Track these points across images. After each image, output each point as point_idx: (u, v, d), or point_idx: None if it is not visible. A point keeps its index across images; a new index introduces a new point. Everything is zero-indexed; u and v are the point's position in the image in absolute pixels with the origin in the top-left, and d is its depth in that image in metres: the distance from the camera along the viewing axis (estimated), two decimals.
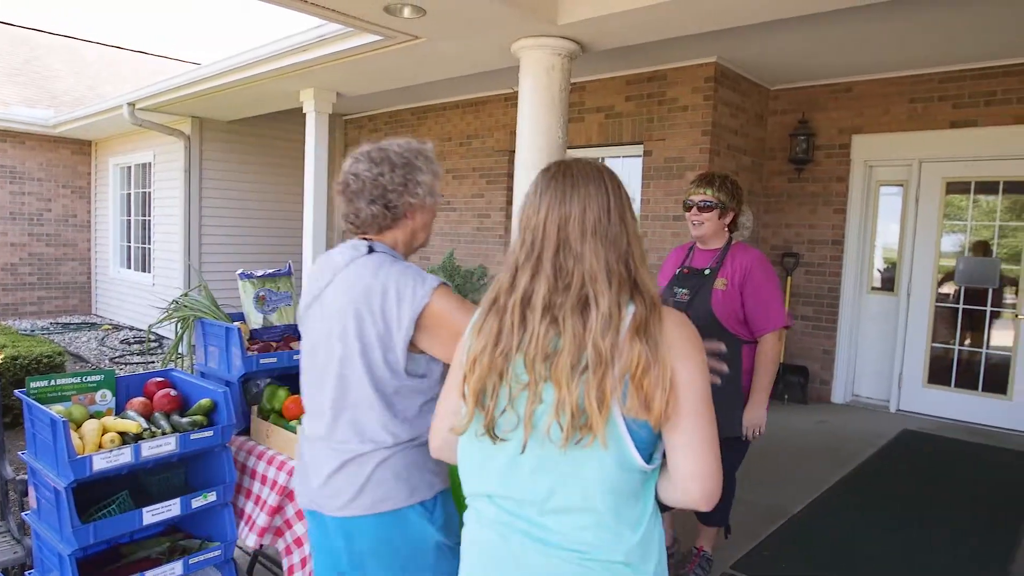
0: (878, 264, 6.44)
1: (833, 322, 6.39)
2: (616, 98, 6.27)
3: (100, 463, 2.08)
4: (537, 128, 4.30)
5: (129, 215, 10.18)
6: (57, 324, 9.91)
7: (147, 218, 9.51)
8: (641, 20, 3.91)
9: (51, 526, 2.19)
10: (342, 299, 1.67)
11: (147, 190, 9.47)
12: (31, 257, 10.38)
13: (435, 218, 1.85)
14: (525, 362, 1.24)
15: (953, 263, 5.96)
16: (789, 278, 6.49)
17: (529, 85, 4.33)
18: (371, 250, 1.71)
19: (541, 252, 1.27)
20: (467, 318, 1.53)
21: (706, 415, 1.22)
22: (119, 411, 2.50)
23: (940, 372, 6.04)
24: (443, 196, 1.74)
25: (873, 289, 6.41)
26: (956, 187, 5.91)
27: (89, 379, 2.47)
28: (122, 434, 2.22)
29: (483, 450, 1.32)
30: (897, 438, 5.36)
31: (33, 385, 2.34)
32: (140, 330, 9.56)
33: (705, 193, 2.86)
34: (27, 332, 8.79)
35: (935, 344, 6.06)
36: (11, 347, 5.25)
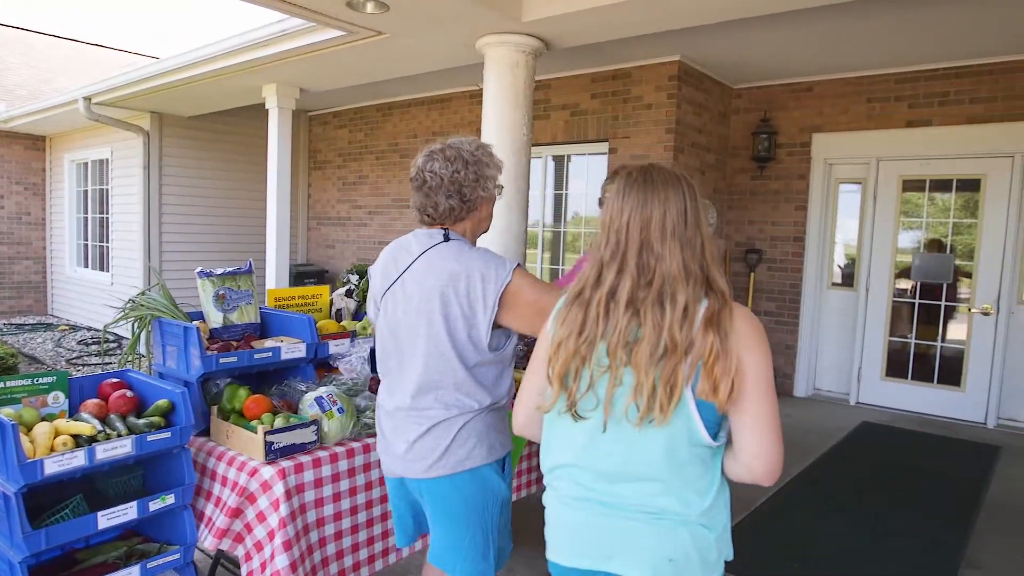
0: (838, 260, 6.57)
1: (795, 317, 6.51)
2: (581, 96, 6.29)
3: (52, 467, 2.02)
4: (502, 125, 4.30)
5: (86, 213, 9.92)
6: (11, 325, 9.62)
7: (105, 216, 9.28)
8: (604, 18, 3.93)
9: (1, 533, 2.12)
10: (428, 282, 1.87)
11: (105, 187, 9.24)
12: None
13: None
14: (608, 349, 1.40)
15: (910, 259, 6.11)
16: (752, 274, 6.59)
17: (494, 82, 4.32)
18: (447, 238, 1.92)
19: (625, 251, 1.42)
20: (542, 292, 1.85)
21: (769, 400, 1.37)
22: (73, 413, 2.43)
23: (897, 365, 6.19)
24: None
25: (833, 285, 6.54)
26: (912, 185, 6.05)
27: (40, 381, 2.40)
28: (75, 437, 2.16)
29: (565, 427, 1.49)
30: (856, 430, 5.48)
31: None
32: (98, 331, 9.33)
33: None
34: None
35: (893, 338, 6.21)
36: None
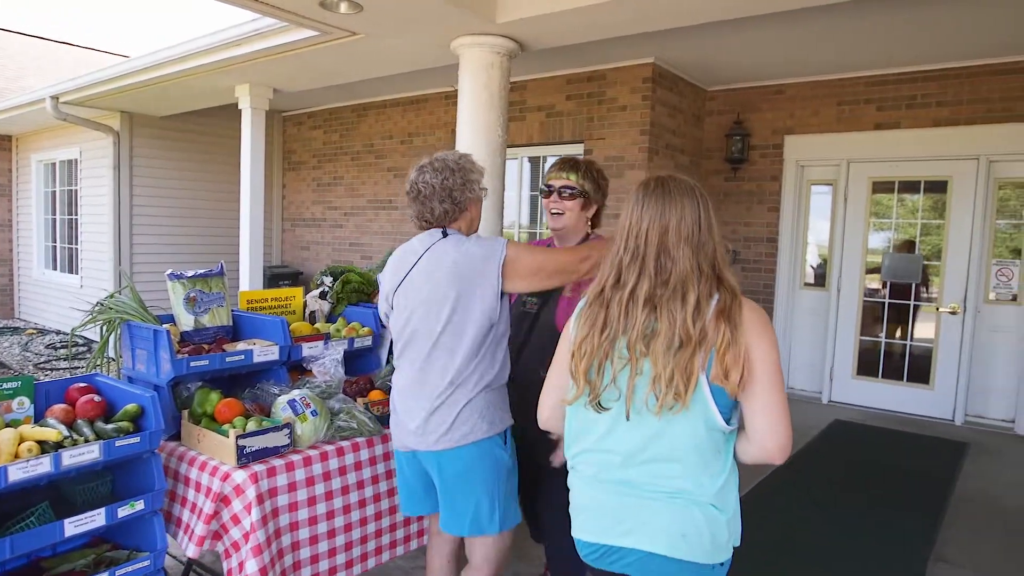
0: (810, 261, 6.66)
1: (768, 317, 6.57)
2: (557, 97, 6.31)
3: (16, 474, 1.98)
4: (477, 126, 4.29)
5: (54, 214, 9.72)
6: None
7: (74, 217, 9.11)
8: (578, 20, 3.94)
9: None
10: (436, 274, 2.13)
11: (74, 188, 9.07)
12: None
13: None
14: (628, 343, 1.53)
15: (880, 259, 6.21)
16: None
17: (469, 83, 4.32)
18: (445, 234, 2.19)
19: (644, 255, 1.55)
20: (535, 254, 2.18)
21: (778, 383, 1.50)
22: (39, 419, 2.38)
23: (868, 364, 6.29)
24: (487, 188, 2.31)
25: (806, 285, 6.63)
26: (882, 186, 6.15)
27: (5, 386, 2.35)
28: (41, 443, 2.12)
29: (587, 417, 1.63)
30: (828, 428, 5.56)
31: None
32: (67, 334, 9.15)
33: (568, 178, 2.45)
34: None
35: (863, 337, 6.31)
36: None
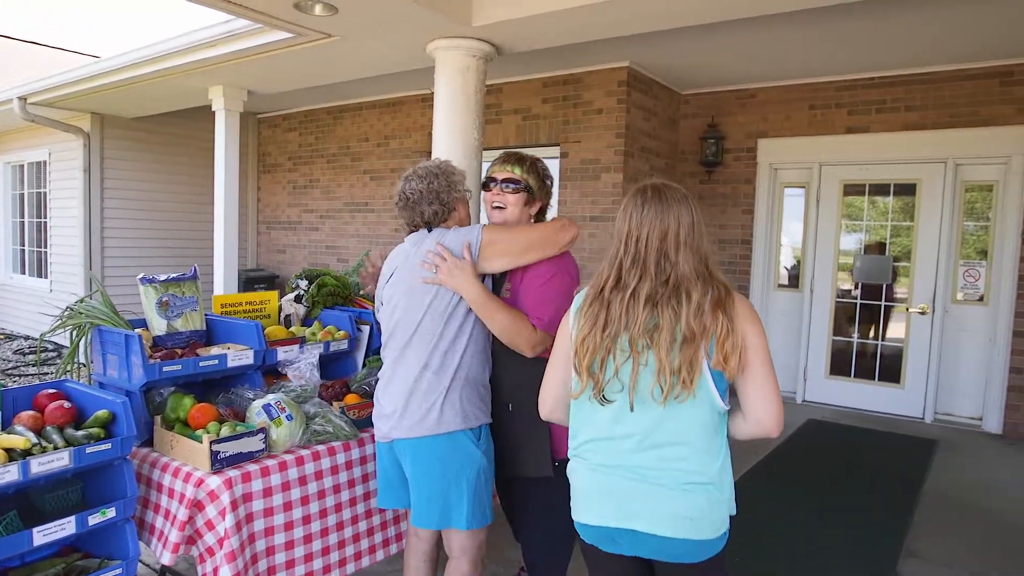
0: (784, 262, 6.74)
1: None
2: (533, 100, 6.33)
3: None
4: (453, 129, 4.29)
5: (23, 217, 9.54)
6: None
7: (43, 220, 8.94)
8: (554, 24, 3.96)
9: None
10: (418, 269, 2.24)
11: (43, 190, 8.91)
12: None
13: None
14: (629, 339, 1.64)
15: (852, 260, 6.31)
16: None
17: (444, 86, 4.32)
18: (430, 230, 2.33)
19: (645, 258, 1.67)
20: (512, 231, 2.28)
21: (769, 365, 1.67)
22: (6, 426, 2.34)
23: (841, 364, 6.38)
24: (470, 191, 2.40)
25: (780, 286, 6.71)
26: (853, 189, 6.26)
27: None
28: (8, 451, 2.08)
29: (592, 409, 1.74)
30: (802, 428, 5.63)
31: None
32: (36, 340, 8.98)
33: (512, 171, 2.38)
34: None
35: (836, 337, 6.40)
36: None
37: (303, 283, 3.38)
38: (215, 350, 2.75)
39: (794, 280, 6.65)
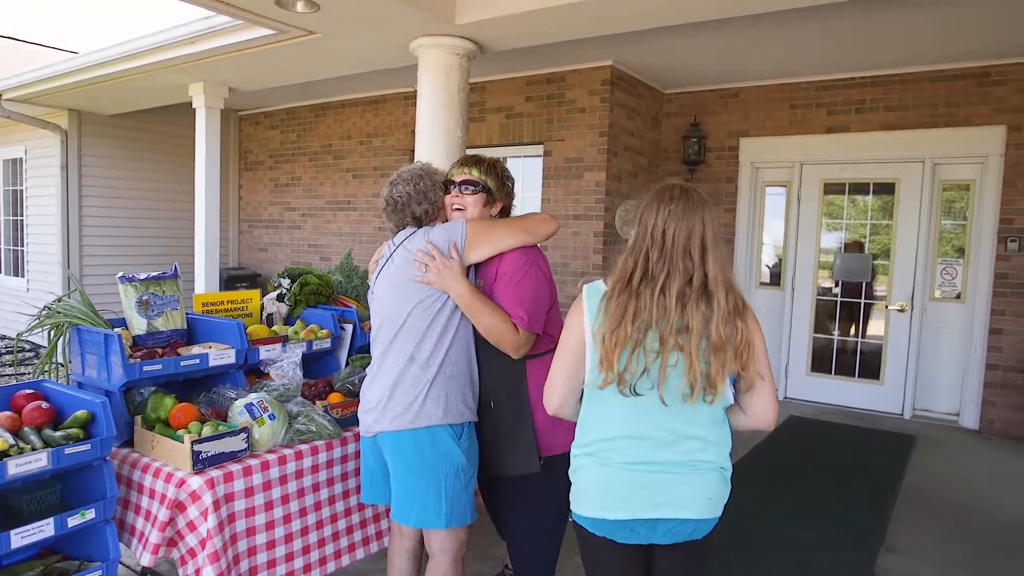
0: (766, 260, 6.80)
1: None
2: (516, 98, 6.33)
3: None
4: (436, 127, 4.29)
5: None
6: None
7: (20, 218, 8.81)
8: (536, 23, 3.97)
9: None
10: (405, 266, 2.29)
11: (19, 188, 8.78)
12: None
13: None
14: (660, 335, 1.66)
15: (833, 259, 6.38)
16: None
17: (427, 84, 4.31)
18: (418, 227, 2.38)
19: (672, 255, 1.70)
20: (495, 227, 2.32)
21: (770, 368, 1.80)
22: None
23: (822, 361, 6.46)
24: (442, 195, 2.51)
25: (762, 284, 6.77)
26: (833, 188, 6.32)
27: None
28: None
29: (612, 404, 1.74)
30: (783, 424, 5.69)
31: None
32: (13, 339, 8.85)
33: (469, 173, 2.41)
34: None
35: (817, 335, 6.47)
36: None
37: (285, 281, 3.36)
38: (196, 349, 2.72)
39: (775, 278, 6.70)
